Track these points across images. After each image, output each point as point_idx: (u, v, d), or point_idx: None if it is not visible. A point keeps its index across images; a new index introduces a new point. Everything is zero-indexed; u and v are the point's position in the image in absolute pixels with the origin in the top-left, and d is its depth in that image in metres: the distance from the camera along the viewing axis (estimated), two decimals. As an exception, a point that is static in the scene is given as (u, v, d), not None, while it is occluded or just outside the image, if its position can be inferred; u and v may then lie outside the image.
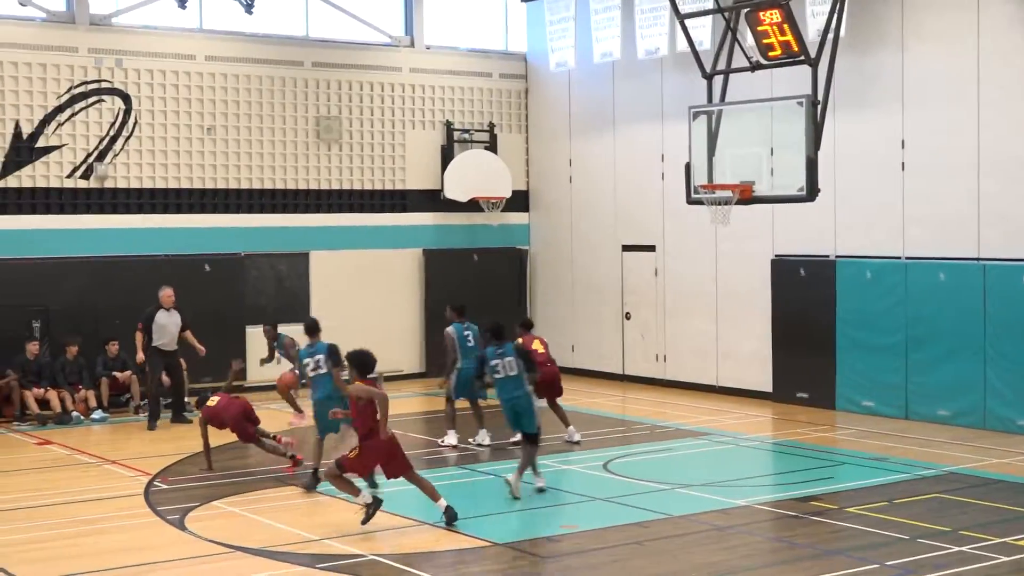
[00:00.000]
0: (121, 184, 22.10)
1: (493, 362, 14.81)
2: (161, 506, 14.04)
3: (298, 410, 18.73)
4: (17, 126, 21.23)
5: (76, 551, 12.27)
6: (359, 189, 24.52)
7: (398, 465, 12.98)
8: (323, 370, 14.74)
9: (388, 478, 13.25)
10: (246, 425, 15.99)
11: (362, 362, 12.99)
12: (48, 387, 20.29)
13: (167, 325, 19.98)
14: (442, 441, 17.53)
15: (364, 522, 12.68)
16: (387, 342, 22.60)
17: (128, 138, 22.16)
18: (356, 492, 12.93)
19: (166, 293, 20.15)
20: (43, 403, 20.16)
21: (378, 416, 12.70)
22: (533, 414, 14.65)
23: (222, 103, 23.09)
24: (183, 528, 13.09)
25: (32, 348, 20.51)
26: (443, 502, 12.95)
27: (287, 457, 15.94)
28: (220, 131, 23.07)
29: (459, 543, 12.35)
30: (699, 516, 13.22)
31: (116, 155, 22.04)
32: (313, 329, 15.29)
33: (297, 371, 18.96)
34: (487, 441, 17.41)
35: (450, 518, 12.84)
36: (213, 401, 16.15)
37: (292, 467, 15.79)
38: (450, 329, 17.55)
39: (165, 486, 15.17)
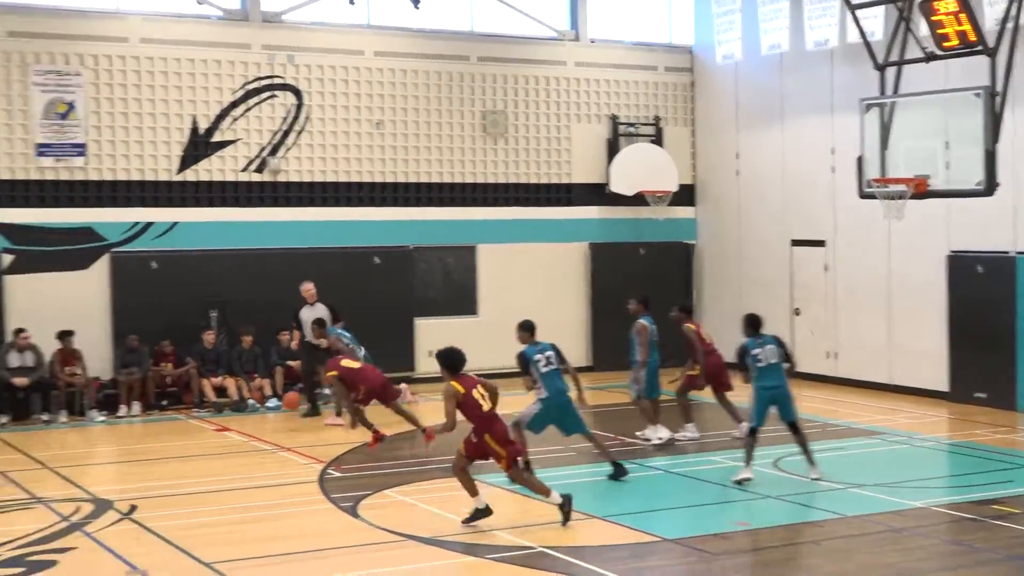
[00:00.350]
0: (293, 178, 22.62)
1: (755, 352, 14.73)
2: (335, 493, 14.31)
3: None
4: (194, 121, 21.86)
5: (255, 535, 12.60)
6: (525, 183, 24.65)
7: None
8: (554, 365, 14.61)
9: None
10: (390, 389, 17.08)
11: (450, 360, 12.65)
12: (225, 375, 20.89)
13: (309, 321, 20.20)
14: (658, 438, 17.00)
15: (564, 523, 12.51)
16: (554, 336, 22.11)
17: (300, 133, 22.65)
18: (547, 491, 12.70)
19: (305, 288, 20.45)
20: (220, 391, 20.77)
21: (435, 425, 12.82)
22: (792, 402, 14.75)
23: (390, 98, 23.43)
24: (356, 515, 13.31)
25: (209, 337, 21.11)
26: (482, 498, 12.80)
27: (373, 433, 16.21)
28: (389, 126, 23.42)
29: (629, 538, 12.30)
30: (874, 517, 12.93)
31: (288, 149, 22.55)
32: (533, 328, 15.06)
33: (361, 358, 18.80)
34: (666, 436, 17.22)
35: (474, 517, 12.70)
36: (355, 364, 17.06)
37: (372, 444, 16.16)
38: (644, 321, 16.96)
39: (338, 474, 15.47)
